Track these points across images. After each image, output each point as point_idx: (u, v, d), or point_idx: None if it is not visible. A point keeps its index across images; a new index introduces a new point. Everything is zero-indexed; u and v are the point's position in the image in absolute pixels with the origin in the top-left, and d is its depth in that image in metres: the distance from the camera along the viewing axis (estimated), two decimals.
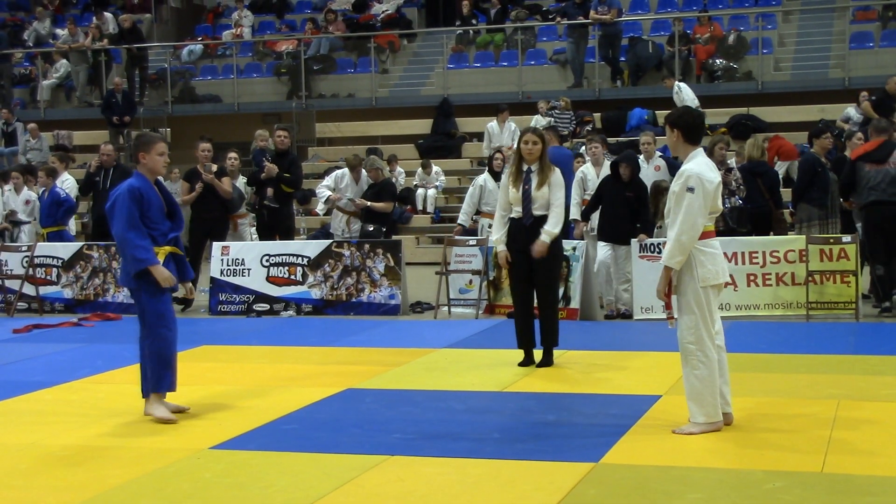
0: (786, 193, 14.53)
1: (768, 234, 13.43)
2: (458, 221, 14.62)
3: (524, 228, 9.78)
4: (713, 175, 7.25)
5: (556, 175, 9.85)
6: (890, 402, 8.09)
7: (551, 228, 9.67)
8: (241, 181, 15.60)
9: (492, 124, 20.90)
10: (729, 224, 13.43)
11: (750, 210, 13.48)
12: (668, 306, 7.41)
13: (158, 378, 8.04)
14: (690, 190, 7.11)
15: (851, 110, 19.45)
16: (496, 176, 13.73)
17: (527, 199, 9.75)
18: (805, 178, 13.11)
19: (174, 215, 8.30)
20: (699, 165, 7.26)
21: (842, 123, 19.22)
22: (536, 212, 9.74)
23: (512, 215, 9.86)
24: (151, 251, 7.96)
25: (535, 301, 10.04)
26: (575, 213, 13.25)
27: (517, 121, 22.70)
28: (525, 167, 9.82)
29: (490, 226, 12.10)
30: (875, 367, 9.54)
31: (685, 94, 20.21)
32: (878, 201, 12.34)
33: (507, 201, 9.88)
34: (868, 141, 13.00)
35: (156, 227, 8.09)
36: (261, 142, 15.93)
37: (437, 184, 20.97)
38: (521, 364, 9.92)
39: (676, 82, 20.77)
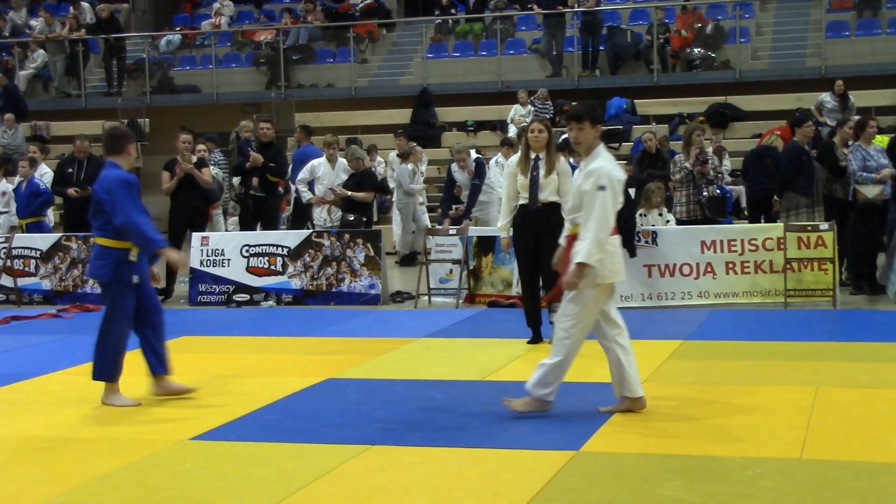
0: None
1: (770, 215, 13.47)
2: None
3: (531, 214, 10.08)
4: (620, 173, 7.40)
5: (564, 164, 10.20)
6: (868, 389, 8.13)
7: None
8: (215, 171, 15.58)
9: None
10: (706, 213, 13.49)
11: (753, 192, 13.57)
12: (558, 298, 7.50)
13: (114, 367, 8.27)
14: (602, 188, 7.20)
15: (826, 96, 19.62)
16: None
17: (534, 186, 10.03)
18: (791, 167, 13.14)
19: (145, 209, 8.44)
20: (607, 164, 7.34)
21: (815, 111, 19.35)
22: (544, 198, 10.02)
23: (520, 202, 10.14)
24: (158, 235, 8.23)
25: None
26: None
27: (497, 110, 22.78)
28: (533, 155, 10.08)
29: None
30: (852, 354, 9.59)
31: None
32: None
33: (515, 189, 10.19)
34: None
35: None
36: (245, 133, 15.92)
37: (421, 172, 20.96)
38: (530, 342, 10.33)
39: None
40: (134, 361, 10.01)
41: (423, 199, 18.98)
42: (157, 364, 8.44)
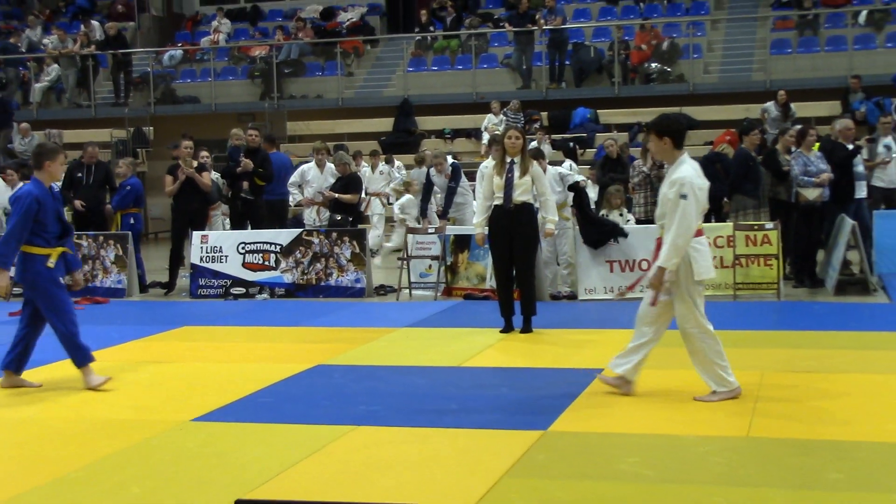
0: None
1: (720, 216, 13.51)
2: None
3: (505, 212, 10.13)
4: (702, 181, 7.20)
5: (536, 167, 10.30)
6: (809, 373, 8.16)
7: (552, 216, 10.37)
8: (214, 175, 15.52)
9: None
10: None
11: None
12: (654, 300, 7.36)
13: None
14: (684, 197, 7.05)
15: (770, 105, 20.01)
16: None
17: (509, 187, 10.09)
18: (739, 172, 13.16)
19: (63, 220, 8.53)
20: (689, 171, 7.17)
21: (762, 115, 19.73)
22: (517, 198, 10.08)
23: (495, 202, 10.18)
24: (12, 258, 8.24)
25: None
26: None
27: (472, 119, 22.77)
28: (508, 159, 10.14)
29: None
30: (795, 342, 9.62)
31: None
32: None
33: (491, 189, 10.24)
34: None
35: (49, 230, 8.27)
36: (236, 140, 15.87)
37: (398, 177, 20.90)
38: (503, 331, 10.30)
39: None
40: (144, 349, 9.99)
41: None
42: (13, 362, 8.46)
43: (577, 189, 12.91)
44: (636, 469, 5.78)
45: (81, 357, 8.32)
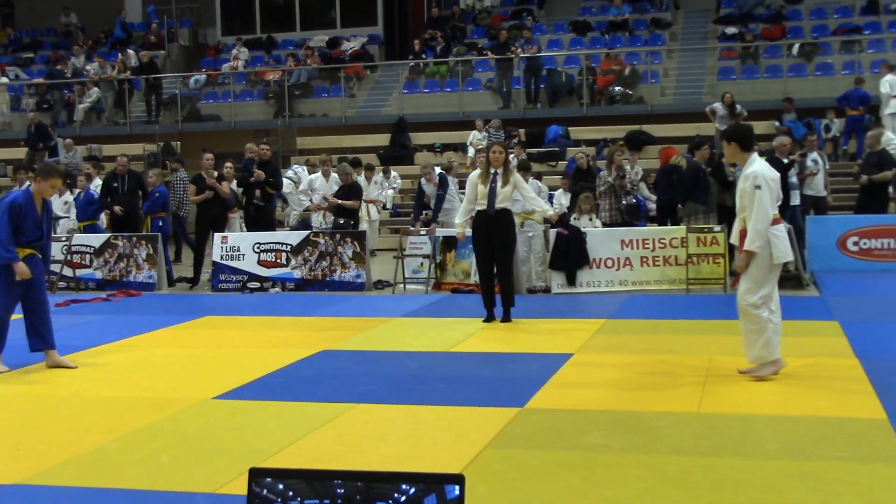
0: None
1: (676, 220, 13.54)
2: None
3: (488, 217, 10.10)
4: (773, 173, 7.16)
5: (517, 176, 10.35)
6: None
7: (546, 206, 10.59)
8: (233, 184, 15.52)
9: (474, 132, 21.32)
10: (625, 218, 13.53)
11: (662, 201, 13.62)
12: (735, 282, 7.32)
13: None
14: (758, 187, 7.00)
15: (717, 105, 20.08)
16: None
17: (492, 194, 10.06)
18: (691, 182, 13.19)
19: (47, 228, 8.57)
20: (761, 166, 7.14)
21: (709, 113, 19.98)
22: (499, 205, 10.06)
23: (478, 208, 10.15)
24: (14, 252, 8.31)
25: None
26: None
27: (458, 135, 22.75)
28: (492, 170, 10.12)
29: None
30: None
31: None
32: None
33: (475, 196, 10.20)
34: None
35: (27, 234, 8.38)
36: (250, 153, 15.85)
37: (395, 185, 20.89)
38: (485, 321, 10.25)
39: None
40: (172, 336, 9.98)
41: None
42: (38, 341, 8.53)
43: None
44: (601, 441, 5.79)
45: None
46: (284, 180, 16.36)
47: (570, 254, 12.63)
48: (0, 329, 8.39)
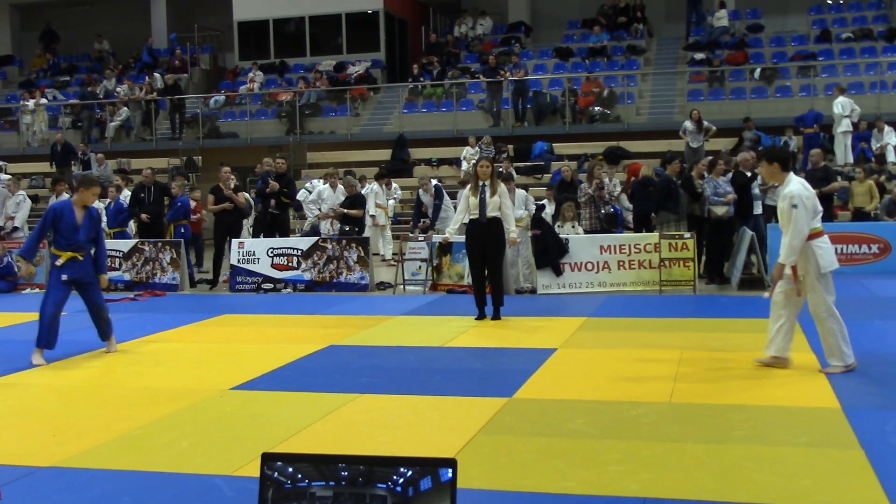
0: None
1: (650, 227, 13.52)
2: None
3: (480, 225, 10.11)
4: (809, 192, 6.99)
5: (502, 187, 10.29)
6: (720, 352, 8.16)
7: (513, 227, 10.26)
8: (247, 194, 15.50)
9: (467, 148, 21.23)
10: (604, 226, 13.52)
11: (637, 211, 13.62)
12: (772, 290, 7.25)
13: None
14: (795, 206, 6.87)
15: (687, 122, 20.00)
16: None
17: (482, 205, 10.08)
18: (663, 193, 13.18)
19: (87, 233, 8.50)
20: (797, 186, 6.97)
21: (682, 133, 19.81)
22: (490, 213, 10.08)
23: (471, 217, 10.17)
24: (26, 249, 8.56)
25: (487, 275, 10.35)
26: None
27: (453, 150, 22.76)
28: (481, 183, 10.12)
29: None
30: (708, 327, 9.64)
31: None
32: None
33: (467, 206, 10.22)
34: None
35: (64, 237, 8.43)
36: (266, 167, 15.83)
37: (395, 196, 20.88)
38: (477, 318, 10.25)
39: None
40: (193, 332, 9.94)
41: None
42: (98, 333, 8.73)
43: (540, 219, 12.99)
44: (582, 428, 5.77)
45: (41, 339, 8.36)
46: (301, 191, 16.36)
47: (549, 248, 12.62)
48: (50, 324, 8.32)
